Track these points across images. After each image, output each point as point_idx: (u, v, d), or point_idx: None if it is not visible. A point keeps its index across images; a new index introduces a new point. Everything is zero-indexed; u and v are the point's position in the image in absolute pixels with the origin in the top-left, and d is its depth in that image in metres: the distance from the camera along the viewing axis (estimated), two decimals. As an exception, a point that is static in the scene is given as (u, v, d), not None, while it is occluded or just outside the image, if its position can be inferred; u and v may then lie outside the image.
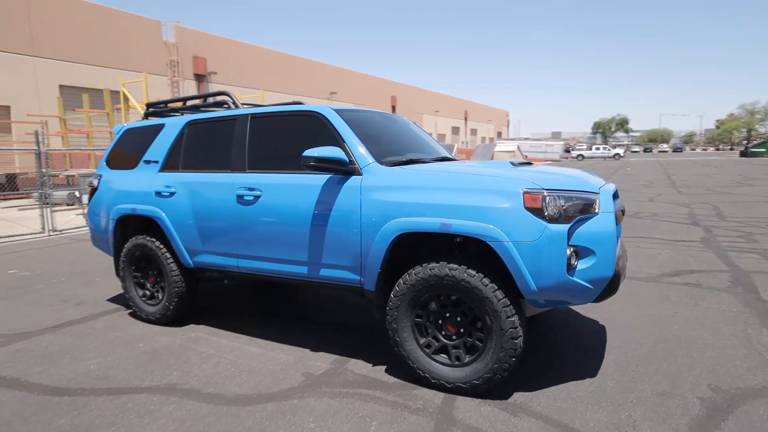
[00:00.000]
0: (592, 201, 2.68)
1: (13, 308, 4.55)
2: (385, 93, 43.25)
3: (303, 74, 33.16)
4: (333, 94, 36.53)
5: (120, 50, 21.14)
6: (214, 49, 26.07)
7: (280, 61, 31.24)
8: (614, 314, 4.08)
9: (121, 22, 21.47)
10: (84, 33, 19.74)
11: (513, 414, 2.58)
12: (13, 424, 2.58)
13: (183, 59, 24.40)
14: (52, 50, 18.69)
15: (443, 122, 54.64)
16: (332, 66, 36.95)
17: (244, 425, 2.52)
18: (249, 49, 28.74)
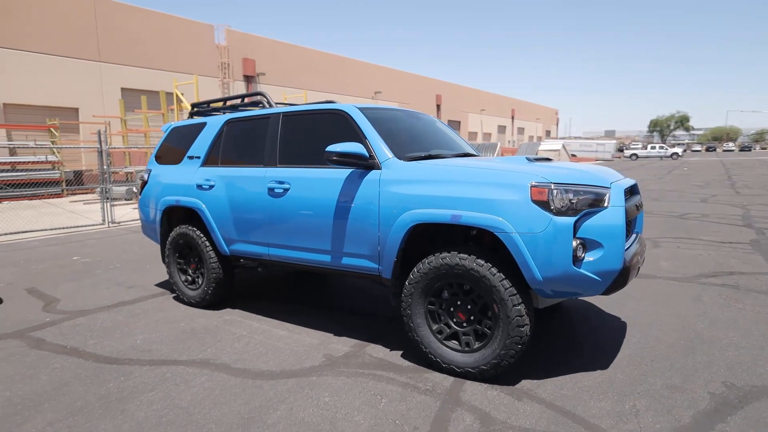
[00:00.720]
0: (602, 195, 2.73)
1: (76, 290, 5.05)
2: (429, 92, 43.16)
3: (348, 74, 33.69)
4: (377, 94, 36.88)
5: (175, 54, 22.33)
6: (263, 50, 26.99)
7: (326, 61, 31.88)
8: (638, 312, 4.05)
9: (176, 28, 22.67)
10: (143, 39, 21.01)
11: (517, 398, 2.68)
12: (72, 385, 2.94)
13: (233, 61, 25.43)
14: (116, 56, 20.01)
15: (489, 121, 53.86)
16: (377, 65, 37.30)
17: (266, 396, 2.76)
18: (295, 50, 29.53)
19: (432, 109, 43.63)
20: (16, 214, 11.11)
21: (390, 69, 38.71)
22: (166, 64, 21.77)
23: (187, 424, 2.49)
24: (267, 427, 2.45)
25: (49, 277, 5.58)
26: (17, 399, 2.78)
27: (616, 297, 4.46)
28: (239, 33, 26.11)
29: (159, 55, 21.56)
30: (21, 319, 4.16)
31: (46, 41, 17.85)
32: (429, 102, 43.11)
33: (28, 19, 17.44)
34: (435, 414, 2.54)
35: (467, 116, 49.29)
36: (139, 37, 20.88)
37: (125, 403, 2.72)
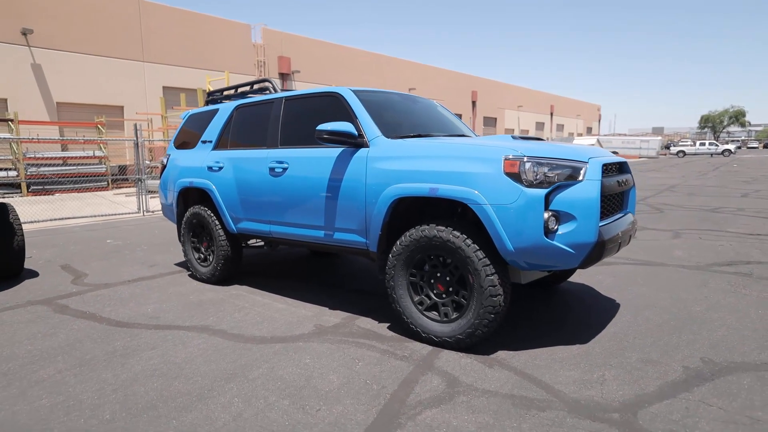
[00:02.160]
0: (578, 169, 2.77)
1: (103, 267, 5.44)
2: (465, 88, 42.79)
3: (382, 70, 33.90)
4: (412, 90, 36.92)
5: (214, 53, 23.16)
6: (298, 48, 27.57)
7: (360, 58, 32.21)
8: (637, 295, 4.01)
9: (215, 28, 23.51)
10: (184, 38, 21.93)
11: (489, 366, 2.76)
12: (84, 342, 3.23)
13: (269, 59, 26.10)
14: (158, 55, 20.99)
15: (526, 117, 52.83)
16: (411, 62, 37.33)
17: (253, 356, 2.96)
18: (330, 47, 29.98)
19: (467, 106, 43.26)
20: (64, 204, 11.92)
21: (424, 65, 38.65)
22: (204, 62, 22.62)
23: (177, 376, 2.71)
24: (248, 381, 2.64)
25: (82, 257, 6.02)
26: (36, 352, 3.10)
27: (616, 281, 4.42)
28: (275, 32, 26.78)
29: (198, 54, 22.44)
30: (51, 289, 4.56)
31: (95, 43, 18.95)
32: (464, 98, 42.75)
33: (80, 23, 18.56)
34: (405, 376, 2.66)
35: (503, 113, 48.54)
36: (179, 37, 21.80)
37: (127, 358, 2.98)
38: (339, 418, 2.26)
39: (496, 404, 2.34)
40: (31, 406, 2.43)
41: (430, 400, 2.40)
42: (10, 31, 16.98)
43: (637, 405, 2.30)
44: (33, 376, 2.75)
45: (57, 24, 17.96)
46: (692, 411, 2.24)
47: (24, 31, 17.27)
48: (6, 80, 16.96)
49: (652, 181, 17.03)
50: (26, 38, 17.40)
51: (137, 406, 2.39)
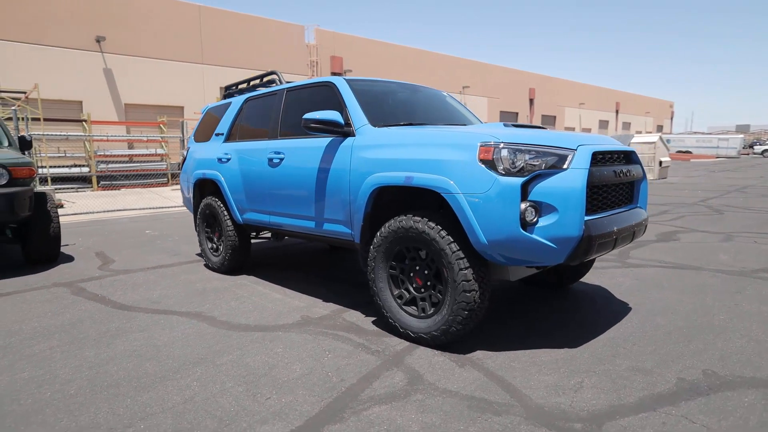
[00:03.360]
0: (562, 157, 2.55)
1: (131, 255, 5.74)
2: (522, 86, 41.47)
3: (436, 69, 33.57)
4: (465, 88, 36.31)
5: (268, 54, 23.92)
6: (350, 48, 27.89)
7: (413, 56, 32.07)
8: (655, 300, 3.67)
9: (270, 29, 24.28)
10: (240, 41, 22.82)
11: (460, 365, 2.61)
12: (84, 322, 3.40)
13: (321, 59, 26.60)
14: (216, 58, 21.98)
15: (589, 115, 50.37)
16: (465, 59, 36.68)
17: (229, 343, 2.98)
18: (382, 46, 30.09)
19: (524, 104, 41.91)
20: (123, 198, 12.75)
21: (478, 62, 37.85)
22: (259, 63, 23.41)
23: (151, 358, 2.78)
24: (214, 366, 2.66)
25: (117, 245, 6.39)
26: (40, 328, 3.29)
27: (638, 284, 4.07)
28: (328, 32, 27.26)
29: (254, 55, 23.27)
30: (78, 273, 4.86)
31: (159, 48, 20.16)
32: (521, 96, 41.45)
33: (146, 30, 19.82)
34: (369, 371, 2.57)
35: (563, 110, 46.58)
36: (236, 40, 22.72)
37: (115, 338, 3.10)
38: (284, 407, 2.21)
39: (450, 405, 2.20)
40: (12, 377, 2.57)
41: (384, 396, 2.30)
42: (86, 40, 18.42)
43: (607, 416, 2.07)
44: (26, 351, 2.92)
45: (126, 31, 19.28)
46: (669, 427, 1.98)
47: (98, 39, 18.67)
48: (81, 84, 18.42)
49: (724, 181, 15.66)
50: (99, 45, 18.80)
51: (102, 384, 2.47)
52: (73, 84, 18.15)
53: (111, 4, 18.94)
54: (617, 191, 2.94)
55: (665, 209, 9.03)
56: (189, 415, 2.16)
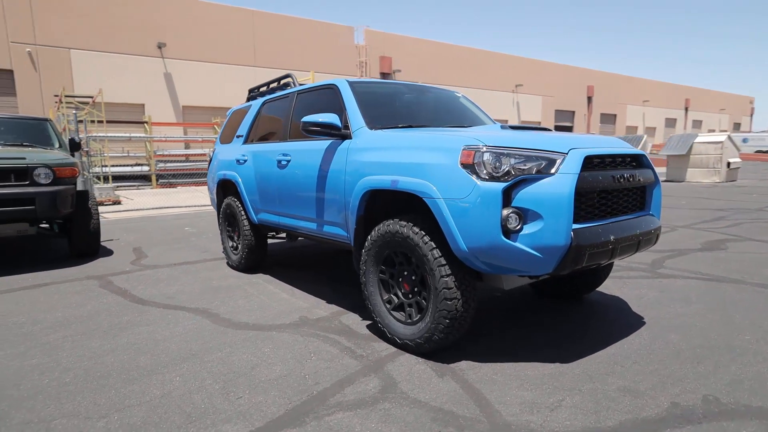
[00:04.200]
0: (551, 160, 2.42)
1: (164, 251, 6.04)
2: (579, 83, 39.77)
3: (487, 67, 32.90)
4: (518, 87, 35.34)
5: (319, 55, 24.41)
6: (399, 47, 27.91)
7: (464, 55, 31.60)
8: (676, 315, 3.40)
9: (320, 31, 24.77)
10: (291, 43, 23.45)
11: (439, 375, 2.53)
12: (101, 315, 3.62)
13: (371, 60, 26.81)
14: (268, 60, 22.71)
15: (653, 113, 47.49)
16: (519, 57, 35.66)
17: (222, 341, 3.06)
18: (431, 45, 29.87)
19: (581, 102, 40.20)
20: (175, 196, 13.48)
21: (531, 60, 36.70)
22: (309, 65, 23.93)
23: (146, 352, 2.91)
24: (200, 363, 2.74)
25: (155, 240, 6.75)
26: (62, 318, 3.54)
27: (662, 297, 3.78)
28: (377, 32, 27.42)
29: (304, 57, 23.82)
30: (111, 267, 5.18)
31: (214, 52, 21.11)
32: (578, 94, 39.79)
33: (203, 35, 20.81)
34: (346, 376, 2.55)
35: (625, 108, 44.23)
36: (287, 42, 23.37)
37: (122, 330, 3.27)
38: (252, 408, 2.24)
39: (414, 416, 2.14)
40: (21, 363, 2.78)
41: (352, 402, 2.27)
42: (148, 46, 19.63)
43: (577, 439, 1.94)
44: (42, 339, 3.15)
45: (185, 37, 20.34)
46: (642, 456, 1.83)
47: (159, 45, 19.83)
48: (144, 88, 19.63)
49: (798, 185, 14.27)
50: (161, 51, 19.96)
51: (95, 374, 2.61)
52: (136, 88, 19.38)
53: (171, 12, 20.05)
54: (619, 197, 2.74)
55: (722, 215, 8.35)
56: (161, 409, 2.24)
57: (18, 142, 5.77)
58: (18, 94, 17.30)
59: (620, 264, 4.93)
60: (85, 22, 18.17)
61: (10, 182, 4.84)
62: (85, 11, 18.17)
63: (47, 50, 17.61)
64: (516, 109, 35.67)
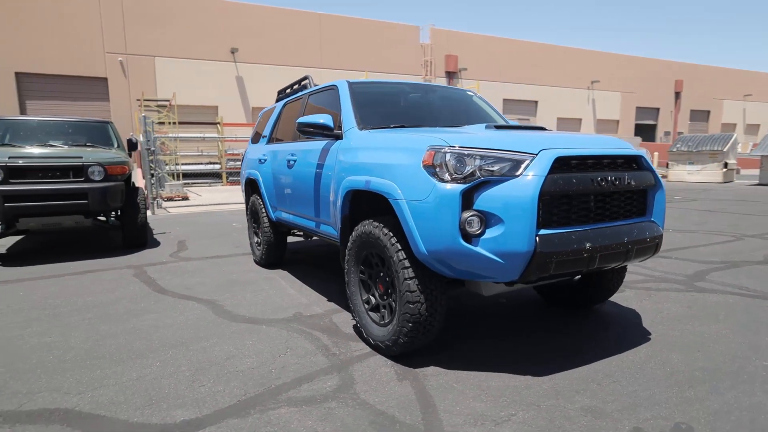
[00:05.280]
0: (517, 161, 2.30)
1: (204, 245, 6.44)
2: (665, 77, 36.77)
3: (561, 63, 31.42)
4: (595, 83, 33.39)
5: (384, 56, 24.65)
6: (465, 45, 27.45)
7: (535, 51, 30.41)
8: (691, 333, 3.08)
9: (385, 32, 24.99)
10: (356, 44, 23.88)
11: (400, 379, 2.50)
12: (122, 301, 3.95)
13: (436, 59, 26.61)
14: (333, 62, 23.31)
15: (757, 109, 42.72)
16: (595, 51, 33.65)
17: (214, 331, 3.22)
18: (501, 42, 29.05)
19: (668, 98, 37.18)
20: (238, 193, 14.27)
21: (609, 54, 34.50)
22: (373, 65, 24.26)
23: (145, 337, 3.14)
24: (185, 351, 2.91)
25: (200, 235, 7.21)
26: (89, 302, 3.91)
27: (685, 312, 3.45)
28: (443, 30, 27.16)
29: (368, 57, 24.17)
30: (151, 258, 5.61)
31: (283, 55, 22.04)
32: (663, 89, 36.85)
33: (272, 39, 21.81)
34: (310, 372, 2.59)
35: (721, 104, 40.26)
36: (353, 43, 23.83)
37: (134, 317, 3.55)
38: (208, 396, 2.35)
39: (354, 418, 2.13)
40: (39, 340, 3.11)
41: (302, 399, 2.31)
42: (222, 52, 20.92)
43: (508, 457, 1.84)
44: (65, 320, 3.50)
45: (256, 42, 21.43)
46: (569, 481, 1.69)
47: (232, 50, 21.06)
48: (218, 91, 20.95)
49: None
50: (233, 56, 21.19)
51: (92, 355, 2.87)
52: (211, 91, 20.72)
53: (244, 18, 21.21)
54: (602, 202, 2.53)
55: (806, 224, 7.39)
56: (130, 391, 2.42)
57: (81, 143, 6.42)
58: (111, 99, 19.16)
59: (654, 274, 4.54)
60: (168, 32, 19.73)
61: (68, 179, 5.40)
62: (168, 21, 19.74)
63: (135, 58, 19.35)
64: (591, 107, 33.77)
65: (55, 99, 18.45)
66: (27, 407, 2.28)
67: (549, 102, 31.46)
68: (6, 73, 17.74)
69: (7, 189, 5.05)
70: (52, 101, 18.37)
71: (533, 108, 31.31)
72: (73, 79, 18.62)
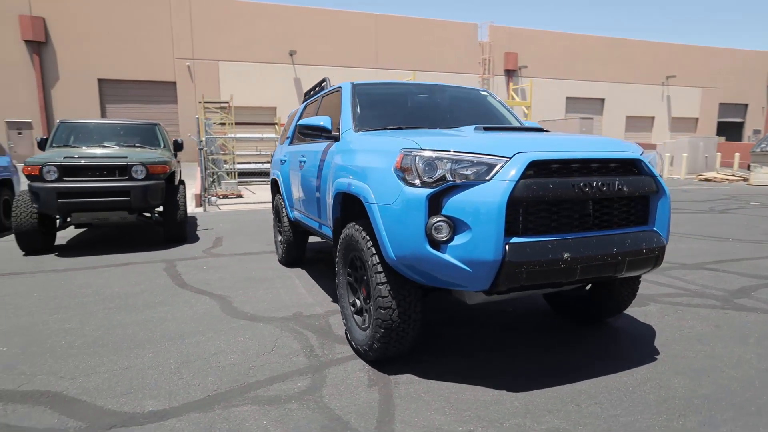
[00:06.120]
0: (488, 165, 2.20)
1: (237, 242, 6.70)
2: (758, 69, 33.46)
3: (630, 58, 29.61)
4: (670, 78, 31.13)
5: (439, 55, 24.46)
6: (527, 42, 26.58)
7: (601, 46, 28.86)
8: (709, 356, 2.80)
9: (441, 30, 24.77)
10: (412, 44, 23.87)
11: (369, 385, 2.47)
12: (144, 293, 4.19)
13: (494, 57, 26.00)
14: (389, 61, 23.45)
15: None
16: (670, 44, 31.34)
17: (214, 326, 3.35)
18: (564, 37, 27.83)
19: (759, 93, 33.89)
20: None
21: (691, 46, 31.98)
22: (429, 64, 24.16)
23: (150, 328, 3.32)
24: (180, 344, 3.04)
25: (240, 231, 7.51)
26: (115, 293, 4.19)
27: (712, 332, 3.14)
28: (503, 27, 26.47)
29: (424, 57, 24.08)
30: (185, 253, 5.93)
31: (337, 56, 22.49)
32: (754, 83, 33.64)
33: (328, 41, 22.31)
34: (285, 372, 2.63)
35: (821, 99, 36.07)
36: (408, 43, 23.85)
37: (149, 308, 3.77)
38: (182, 389, 2.44)
39: (308, 421, 2.13)
40: (60, 326, 3.38)
41: (267, 398, 2.34)
42: (281, 55, 21.70)
43: (446, 475, 1.75)
44: (89, 308, 3.78)
45: (313, 44, 22.03)
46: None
47: (290, 53, 21.79)
48: (276, 92, 21.76)
49: None
50: (291, 58, 21.91)
51: (98, 342, 3.08)
52: (270, 92, 21.56)
53: (302, 21, 21.86)
54: (587, 209, 2.35)
55: None
56: (115, 379, 2.57)
57: (131, 144, 6.91)
58: (179, 101, 20.48)
59: (690, 287, 4.16)
60: (231, 37, 20.76)
61: (114, 177, 5.82)
62: (231, 27, 20.77)
63: (201, 63, 20.54)
64: (666, 104, 31.54)
65: (130, 102, 20.01)
66: (24, 388, 2.49)
67: (617, 100, 29.75)
68: (90, 80, 19.47)
69: (61, 186, 5.53)
70: (127, 104, 19.94)
71: (599, 106, 29.76)
72: (146, 84, 20.09)
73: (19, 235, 5.69)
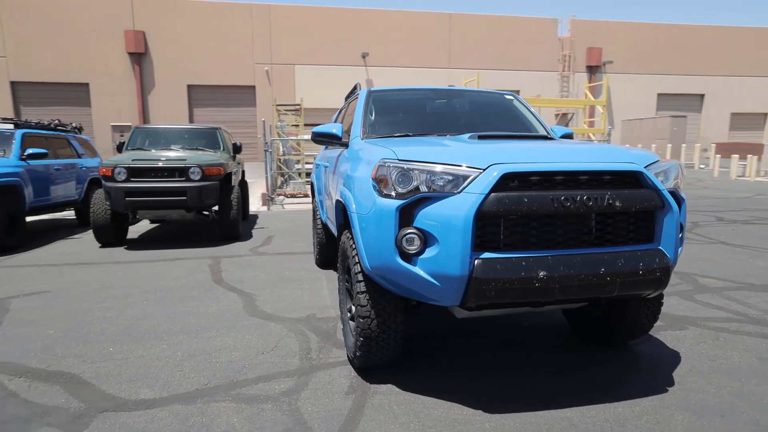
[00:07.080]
0: (460, 177, 2.13)
1: (284, 242, 6.97)
2: None
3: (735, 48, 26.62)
4: (785, 69, 27.53)
5: (516, 52, 23.64)
6: (611, 36, 24.89)
7: (698, 36, 26.22)
8: (731, 392, 2.49)
9: (518, 26, 23.91)
10: (486, 42, 23.30)
11: (347, 393, 2.49)
12: (182, 288, 4.53)
13: (576, 52, 24.63)
14: (462, 61, 23.09)
15: None
16: (788, 31, 27.73)
17: (230, 323, 3.54)
18: (653, 29, 25.67)
19: None
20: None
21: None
22: (504, 63, 23.44)
23: (174, 321, 3.58)
24: (193, 339, 3.26)
25: (292, 231, 7.82)
26: (158, 286, 4.57)
27: (746, 364, 2.79)
28: (585, 21, 25.00)
29: (500, 55, 23.40)
30: (233, 251, 6.29)
31: (408, 56, 22.53)
32: None
33: (401, 43, 22.44)
34: (275, 372, 2.72)
35: None
36: (483, 41, 23.32)
37: (180, 302, 4.06)
38: (176, 381, 2.62)
39: (274, 423, 2.20)
40: (102, 314, 3.76)
41: (247, 397, 2.45)
42: (354, 57, 22.19)
43: (381, 493, 1.73)
44: (131, 299, 4.16)
45: (385, 45, 22.28)
46: None
47: (363, 55, 22.21)
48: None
49: None
50: (364, 60, 22.33)
51: (125, 331, 3.38)
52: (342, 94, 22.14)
53: (374, 24, 22.19)
54: (575, 224, 2.17)
55: None
56: (126, 366, 2.81)
57: (194, 147, 7.46)
58: (257, 104, 21.69)
59: (746, 311, 3.70)
60: (307, 41, 21.60)
61: (174, 178, 6.34)
62: (308, 31, 21.61)
63: (279, 67, 21.59)
64: (779, 98, 27.97)
65: (214, 106, 21.54)
66: (52, 368, 2.81)
67: (719, 95, 26.92)
68: (181, 86, 21.23)
69: (128, 186, 6.13)
70: (211, 108, 21.49)
71: (698, 103, 27.12)
72: (228, 89, 21.52)
73: (96, 229, 6.39)
